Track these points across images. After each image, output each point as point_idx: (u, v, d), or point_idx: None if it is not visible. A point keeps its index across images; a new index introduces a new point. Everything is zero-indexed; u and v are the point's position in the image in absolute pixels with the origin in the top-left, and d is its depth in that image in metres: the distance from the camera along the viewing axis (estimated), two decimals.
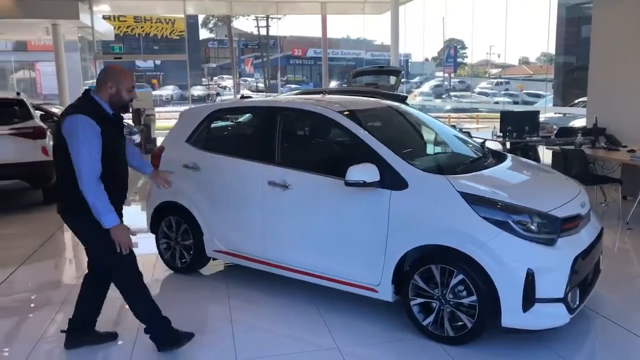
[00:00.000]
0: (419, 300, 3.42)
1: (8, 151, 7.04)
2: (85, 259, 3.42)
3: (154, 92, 21.48)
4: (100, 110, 3.07)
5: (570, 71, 18.23)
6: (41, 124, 7.55)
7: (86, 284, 3.43)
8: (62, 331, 3.44)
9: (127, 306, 3.34)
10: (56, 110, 11.87)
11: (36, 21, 15.86)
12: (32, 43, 28.89)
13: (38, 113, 8.23)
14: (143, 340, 3.41)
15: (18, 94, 7.84)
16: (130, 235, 3.06)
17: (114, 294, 3.28)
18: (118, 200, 3.16)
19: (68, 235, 6.51)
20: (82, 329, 3.43)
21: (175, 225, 4.62)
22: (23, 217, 7.16)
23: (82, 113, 2.95)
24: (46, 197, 7.71)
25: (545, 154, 8.89)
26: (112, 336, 3.55)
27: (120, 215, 3.22)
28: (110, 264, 3.15)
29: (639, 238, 5.75)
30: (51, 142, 7.47)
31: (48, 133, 7.46)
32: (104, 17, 20.81)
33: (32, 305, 4.24)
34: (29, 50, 30.59)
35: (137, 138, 12.44)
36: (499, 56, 25.64)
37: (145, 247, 5.33)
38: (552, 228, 3.22)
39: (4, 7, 14.43)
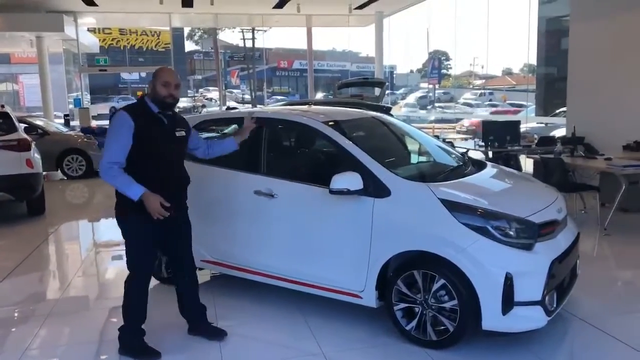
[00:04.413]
0: (402, 305, 3.49)
1: None
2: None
3: None
4: (144, 108, 3.29)
5: (551, 82, 18.59)
6: (25, 136, 7.51)
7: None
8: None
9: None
10: (40, 122, 11.80)
11: (20, 34, 15.82)
12: (15, 55, 28.71)
13: (22, 125, 8.20)
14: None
15: (2, 106, 7.82)
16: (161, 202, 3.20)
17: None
18: (168, 197, 3.27)
19: (53, 248, 6.49)
20: (196, 318, 3.72)
21: None
22: (7, 230, 7.11)
23: (123, 109, 3.26)
24: (30, 210, 7.67)
25: (527, 163, 9.06)
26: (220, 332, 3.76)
27: (178, 218, 3.46)
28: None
29: (616, 243, 5.90)
30: (36, 155, 7.46)
31: (33, 145, 7.44)
32: (89, 30, 20.80)
33: (15, 318, 4.23)
34: (12, 62, 30.41)
35: None
36: (482, 67, 26.04)
37: None
38: (529, 233, 3.32)
39: None
